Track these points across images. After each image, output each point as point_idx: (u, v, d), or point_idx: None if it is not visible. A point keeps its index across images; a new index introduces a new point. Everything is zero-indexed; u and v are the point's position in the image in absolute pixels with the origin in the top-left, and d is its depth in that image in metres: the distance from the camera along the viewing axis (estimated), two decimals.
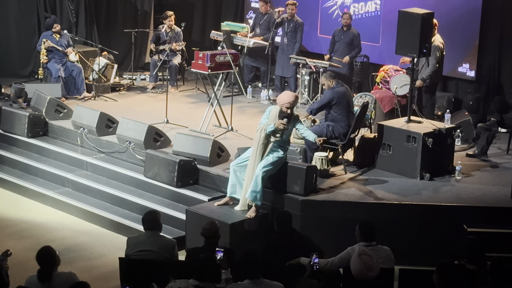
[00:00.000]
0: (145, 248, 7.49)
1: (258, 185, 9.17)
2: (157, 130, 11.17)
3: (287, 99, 9.24)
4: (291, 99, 9.23)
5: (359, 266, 6.20)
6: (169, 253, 7.51)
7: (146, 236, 7.65)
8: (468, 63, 13.02)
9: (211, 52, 11.90)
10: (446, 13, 12.75)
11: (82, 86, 13.62)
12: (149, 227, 7.64)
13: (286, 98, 9.28)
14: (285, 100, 9.24)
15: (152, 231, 7.62)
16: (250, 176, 9.26)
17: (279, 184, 9.47)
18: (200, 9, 16.59)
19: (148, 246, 7.50)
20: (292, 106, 9.26)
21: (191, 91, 14.44)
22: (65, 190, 11.02)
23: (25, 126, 11.97)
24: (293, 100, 9.25)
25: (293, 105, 9.26)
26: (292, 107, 9.27)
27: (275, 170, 9.33)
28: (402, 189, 9.73)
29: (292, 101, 9.23)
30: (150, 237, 7.59)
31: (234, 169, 9.48)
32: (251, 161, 9.30)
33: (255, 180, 9.17)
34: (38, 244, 8.51)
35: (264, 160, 9.26)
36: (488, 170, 10.62)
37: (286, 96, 9.32)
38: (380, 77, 12.33)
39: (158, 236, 7.65)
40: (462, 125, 11.56)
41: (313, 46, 14.84)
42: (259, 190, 9.19)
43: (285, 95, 9.39)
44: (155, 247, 7.48)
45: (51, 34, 13.64)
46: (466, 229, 9.00)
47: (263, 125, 9.26)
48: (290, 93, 9.55)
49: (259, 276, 6.48)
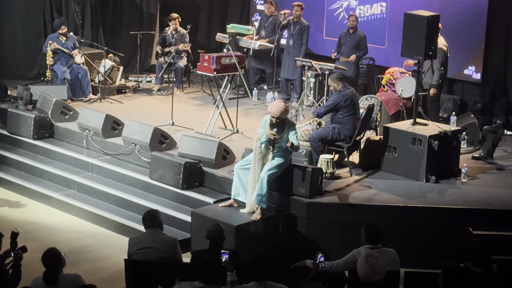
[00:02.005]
0: (147, 245, 7.51)
1: (264, 189, 9.18)
2: (163, 132, 11.18)
3: (273, 110, 9.20)
4: (276, 112, 9.16)
5: (366, 268, 6.19)
6: (170, 249, 7.53)
7: (147, 234, 7.68)
8: (474, 65, 13.01)
9: (216, 54, 11.91)
10: (452, 16, 12.75)
11: (88, 88, 13.64)
12: (150, 225, 7.67)
13: (272, 109, 9.23)
14: (271, 111, 9.22)
15: (153, 229, 7.64)
16: (252, 182, 9.27)
17: (284, 186, 9.47)
18: (205, 11, 16.60)
19: (149, 243, 7.52)
20: (279, 117, 9.17)
21: (197, 93, 14.45)
22: (71, 192, 11.03)
23: (31, 128, 11.99)
24: (279, 111, 9.15)
25: (280, 116, 9.17)
26: (280, 118, 9.19)
27: (280, 173, 9.34)
28: (408, 192, 9.72)
29: (278, 113, 9.15)
30: (151, 235, 7.62)
31: (238, 172, 9.50)
32: (252, 169, 9.32)
33: (261, 183, 9.18)
34: (44, 246, 8.51)
35: (269, 163, 9.27)
36: (494, 172, 10.60)
37: (272, 107, 9.27)
38: (386, 80, 12.33)
39: (159, 234, 7.68)
40: (468, 128, 11.55)
41: (319, 49, 14.84)
42: (265, 193, 9.20)
43: (272, 106, 9.34)
44: (156, 244, 7.50)
45: (57, 36, 13.66)
46: (472, 232, 8.98)
47: (259, 135, 9.28)
48: (277, 104, 9.36)
49: (265, 278, 6.49)
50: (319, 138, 10.17)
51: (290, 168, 9.44)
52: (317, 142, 10.16)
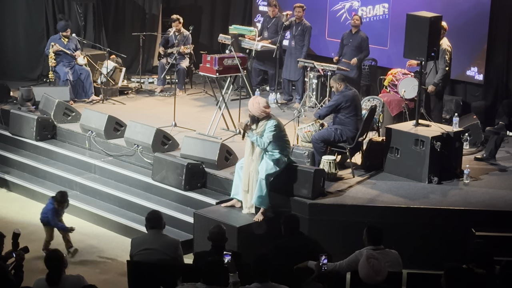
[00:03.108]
0: (149, 246, 7.53)
1: (263, 190, 9.19)
2: (165, 134, 11.19)
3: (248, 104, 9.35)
4: (248, 106, 9.28)
5: (367, 270, 6.20)
6: (172, 251, 7.54)
7: (149, 235, 7.70)
8: (476, 66, 13.00)
9: (219, 56, 11.91)
10: (454, 17, 12.73)
11: (90, 90, 13.64)
12: (152, 226, 7.68)
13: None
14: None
15: (155, 230, 7.66)
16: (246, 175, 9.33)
17: (287, 187, 9.47)
18: (208, 13, 16.61)
19: (151, 245, 7.53)
20: (251, 112, 9.24)
21: (199, 95, 14.45)
22: (73, 193, 11.03)
23: (33, 129, 12.00)
24: (249, 106, 9.24)
25: (251, 111, 9.24)
26: (252, 113, 9.24)
27: (278, 173, 9.33)
28: (410, 193, 9.72)
29: (249, 107, 9.25)
30: (153, 236, 7.63)
31: (238, 171, 9.54)
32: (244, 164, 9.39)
33: (259, 185, 9.20)
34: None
35: (266, 164, 9.26)
36: (497, 173, 10.60)
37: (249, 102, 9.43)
38: (388, 81, 12.32)
39: (161, 235, 7.69)
40: (471, 129, 11.55)
41: (321, 50, 14.83)
42: (265, 194, 9.21)
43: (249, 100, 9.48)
44: (158, 246, 7.51)
45: (60, 38, 13.67)
46: (474, 233, 8.98)
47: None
48: (250, 100, 9.41)
49: (268, 279, 6.48)
50: (322, 139, 10.17)
51: (292, 169, 9.44)
52: (319, 143, 10.16)
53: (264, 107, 9.22)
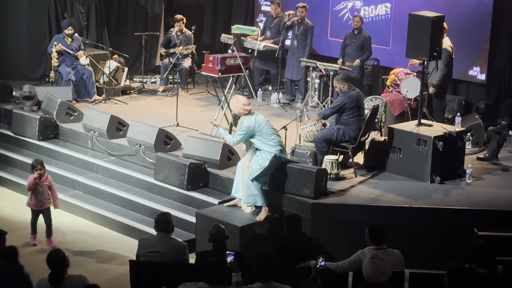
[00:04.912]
0: (156, 249, 7.52)
1: (252, 188, 9.19)
2: (168, 133, 11.19)
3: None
4: (229, 105, 9.49)
5: (371, 270, 6.19)
6: (179, 256, 7.53)
7: (157, 237, 7.69)
8: (478, 66, 12.99)
9: (221, 55, 11.92)
10: (456, 17, 12.73)
11: (92, 89, 13.65)
12: (161, 229, 7.67)
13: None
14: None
15: (164, 233, 7.65)
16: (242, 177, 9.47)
17: (289, 187, 9.46)
18: (210, 12, 16.62)
19: (158, 248, 7.52)
20: (232, 110, 9.40)
21: (201, 94, 14.45)
22: (76, 193, 11.05)
23: (36, 129, 12.01)
24: (231, 105, 9.39)
25: (232, 110, 9.40)
26: (233, 112, 9.41)
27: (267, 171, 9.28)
28: (412, 193, 9.72)
29: (231, 107, 9.41)
30: (161, 239, 7.62)
31: (238, 169, 9.56)
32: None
33: (247, 185, 9.23)
34: (49, 247, 8.56)
35: (254, 162, 9.29)
36: (499, 173, 10.59)
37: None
38: (391, 80, 12.32)
39: (170, 239, 7.68)
40: (473, 128, 11.54)
41: (323, 49, 14.84)
42: (257, 193, 9.22)
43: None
44: (165, 249, 7.50)
45: (63, 38, 13.67)
46: (477, 233, 8.97)
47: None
48: (231, 99, 9.58)
49: (270, 279, 6.49)
50: (324, 139, 10.16)
51: (294, 169, 9.44)
52: (321, 143, 10.15)
53: (244, 105, 9.22)
